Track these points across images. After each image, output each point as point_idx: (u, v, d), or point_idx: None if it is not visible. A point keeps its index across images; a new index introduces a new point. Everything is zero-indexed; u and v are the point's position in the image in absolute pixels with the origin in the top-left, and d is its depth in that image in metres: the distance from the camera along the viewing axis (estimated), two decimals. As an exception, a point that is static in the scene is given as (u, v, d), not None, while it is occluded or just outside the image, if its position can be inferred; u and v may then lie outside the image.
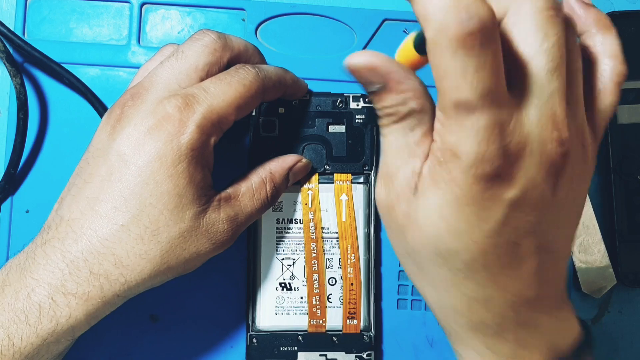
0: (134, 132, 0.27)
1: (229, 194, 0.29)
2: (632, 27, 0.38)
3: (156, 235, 0.27)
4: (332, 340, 0.34)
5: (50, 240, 0.27)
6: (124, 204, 0.26)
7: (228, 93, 0.28)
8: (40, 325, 0.26)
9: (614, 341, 0.38)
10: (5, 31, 0.32)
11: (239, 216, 0.29)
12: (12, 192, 0.34)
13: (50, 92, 0.35)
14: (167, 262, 0.27)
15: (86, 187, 0.27)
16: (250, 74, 0.29)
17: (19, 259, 0.27)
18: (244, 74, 0.29)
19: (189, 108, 0.27)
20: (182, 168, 0.27)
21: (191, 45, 0.29)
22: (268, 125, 0.34)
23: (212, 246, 0.28)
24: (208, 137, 0.27)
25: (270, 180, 0.31)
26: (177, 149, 0.27)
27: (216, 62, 0.29)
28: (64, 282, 0.26)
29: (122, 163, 0.27)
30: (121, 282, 0.27)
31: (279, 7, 0.36)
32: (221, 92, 0.28)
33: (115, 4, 0.35)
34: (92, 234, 0.26)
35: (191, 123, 0.27)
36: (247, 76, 0.29)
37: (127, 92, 0.28)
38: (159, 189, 0.27)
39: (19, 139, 0.33)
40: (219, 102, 0.27)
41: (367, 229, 0.34)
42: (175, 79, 0.28)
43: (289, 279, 0.34)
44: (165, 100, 0.27)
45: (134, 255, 0.27)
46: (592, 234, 0.37)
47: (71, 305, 0.26)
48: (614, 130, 0.37)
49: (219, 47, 0.29)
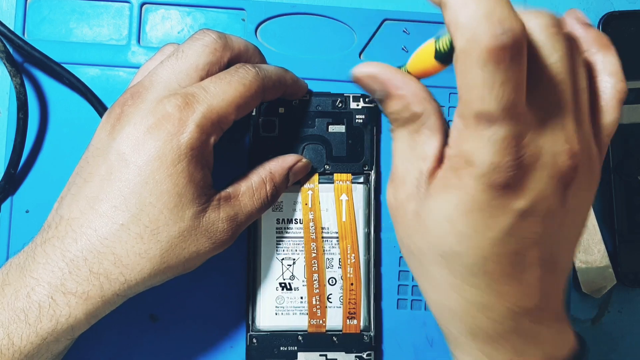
0: (133, 131, 0.27)
1: (229, 193, 0.29)
2: (632, 27, 0.38)
3: (156, 234, 0.27)
4: (332, 340, 0.34)
5: (50, 240, 0.27)
6: (123, 203, 0.26)
7: (228, 92, 0.28)
8: (40, 324, 0.26)
9: (614, 341, 0.38)
10: (5, 31, 0.32)
11: (238, 215, 0.29)
12: (12, 192, 0.34)
13: (50, 92, 0.35)
14: (167, 261, 0.27)
15: (86, 186, 0.27)
16: (250, 73, 0.29)
17: (19, 258, 0.27)
18: (244, 73, 0.29)
19: (188, 107, 0.27)
20: (182, 167, 0.27)
21: (192, 44, 0.29)
22: (268, 125, 0.34)
23: (212, 245, 0.28)
24: (208, 136, 0.27)
25: (270, 180, 0.31)
26: (176, 148, 0.27)
27: (217, 62, 0.29)
28: (63, 281, 0.26)
29: (122, 162, 0.27)
30: (121, 281, 0.27)
31: (279, 7, 0.36)
32: (221, 91, 0.28)
33: (115, 4, 0.35)
34: (91, 233, 0.26)
35: (191, 122, 0.27)
36: (247, 75, 0.29)
37: (127, 91, 0.28)
38: (159, 188, 0.27)
39: (19, 139, 0.33)
40: (219, 101, 0.27)
41: (367, 229, 0.34)
42: (175, 78, 0.28)
43: (289, 279, 0.34)
44: (165, 99, 0.27)
45: (133, 254, 0.27)
46: (592, 234, 0.37)
47: (71, 305, 0.26)
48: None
49: (220, 47, 0.29)
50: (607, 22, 0.37)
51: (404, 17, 0.36)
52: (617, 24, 0.38)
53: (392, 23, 0.36)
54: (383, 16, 0.36)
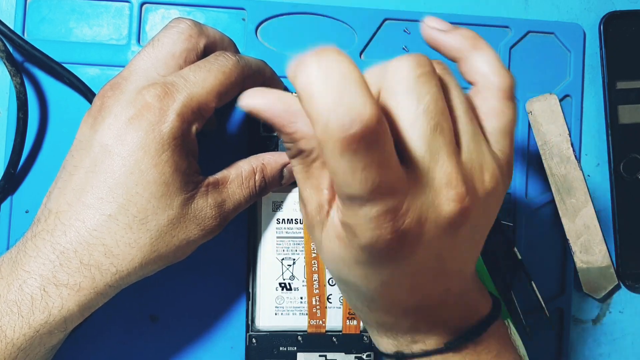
0: (114, 123, 0.27)
1: (217, 179, 0.29)
2: (632, 27, 0.38)
3: (145, 223, 0.27)
4: (331, 341, 0.34)
5: (40, 233, 0.27)
6: (109, 194, 0.27)
7: (208, 80, 0.28)
8: (33, 316, 0.26)
9: (615, 341, 0.38)
10: (6, 30, 0.32)
11: (226, 202, 0.29)
12: (12, 192, 0.34)
13: (50, 92, 0.35)
14: (157, 249, 0.27)
15: (72, 180, 0.27)
16: (230, 61, 0.29)
17: (11, 253, 0.27)
18: (223, 61, 0.29)
19: (168, 96, 0.27)
20: (167, 157, 0.27)
21: (167, 32, 0.29)
22: (268, 125, 0.34)
23: (201, 232, 0.29)
24: (189, 125, 0.28)
25: (261, 171, 0.31)
26: (159, 138, 0.27)
27: (193, 49, 0.29)
28: (55, 273, 0.26)
29: (106, 154, 0.27)
30: (112, 271, 0.27)
31: (279, 6, 0.36)
32: (201, 79, 0.28)
33: (115, 4, 0.35)
34: (80, 225, 0.27)
35: (171, 112, 0.27)
36: (227, 63, 0.29)
37: (107, 84, 0.28)
38: (145, 178, 0.27)
39: (18, 138, 0.33)
40: (199, 89, 0.27)
41: (367, 229, 0.34)
42: (153, 67, 0.28)
43: (289, 279, 0.34)
44: (145, 89, 0.27)
45: (123, 244, 0.27)
46: (593, 234, 0.37)
47: (63, 296, 0.26)
48: (614, 130, 0.37)
49: (195, 34, 0.29)
50: (608, 21, 0.37)
51: (405, 16, 0.36)
52: (618, 23, 0.38)
53: (392, 22, 0.36)
54: (384, 16, 0.36)
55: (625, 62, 0.38)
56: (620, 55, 0.38)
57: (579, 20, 0.38)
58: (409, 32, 0.36)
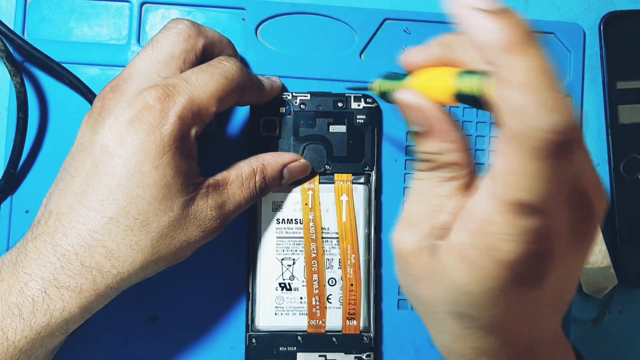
0: (115, 124, 0.27)
1: (218, 180, 0.29)
2: (632, 27, 0.38)
3: (145, 225, 0.27)
4: (331, 341, 0.34)
5: (41, 235, 0.27)
6: (110, 196, 0.27)
7: (210, 84, 0.28)
8: (34, 319, 0.26)
9: (615, 342, 0.38)
10: (5, 30, 0.32)
11: (226, 204, 0.29)
12: (12, 191, 0.34)
13: (50, 92, 0.35)
14: (158, 251, 0.27)
15: (73, 182, 0.27)
16: (233, 66, 0.29)
17: (11, 254, 0.27)
18: (227, 66, 0.29)
19: (169, 99, 0.27)
20: (168, 159, 0.27)
21: (165, 34, 0.29)
22: (269, 125, 0.34)
23: (201, 233, 0.29)
24: (189, 128, 0.27)
25: (261, 172, 0.31)
26: (160, 140, 0.27)
27: (191, 49, 0.29)
28: (56, 276, 0.26)
29: (106, 155, 0.27)
30: (113, 273, 0.27)
31: (279, 6, 0.36)
32: (203, 83, 0.28)
33: (115, 4, 0.35)
34: (81, 227, 0.26)
35: (172, 114, 0.27)
36: (230, 69, 0.29)
37: (107, 85, 0.28)
38: (145, 180, 0.27)
39: (18, 138, 0.33)
40: (200, 93, 0.27)
41: (367, 230, 0.34)
42: (153, 68, 0.28)
43: (289, 279, 0.34)
44: (145, 91, 0.27)
45: (124, 246, 0.27)
46: (593, 234, 0.37)
47: (64, 299, 0.26)
48: (614, 130, 0.37)
49: (193, 34, 0.29)
50: (608, 21, 0.37)
51: (405, 16, 0.36)
52: (618, 23, 0.38)
53: (392, 22, 0.36)
54: (384, 16, 0.36)
55: (625, 62, 0.38)
56: (620, 55, 0.38)
57: (579, 20, 0.38)
58: (409, 32, 0.36)
